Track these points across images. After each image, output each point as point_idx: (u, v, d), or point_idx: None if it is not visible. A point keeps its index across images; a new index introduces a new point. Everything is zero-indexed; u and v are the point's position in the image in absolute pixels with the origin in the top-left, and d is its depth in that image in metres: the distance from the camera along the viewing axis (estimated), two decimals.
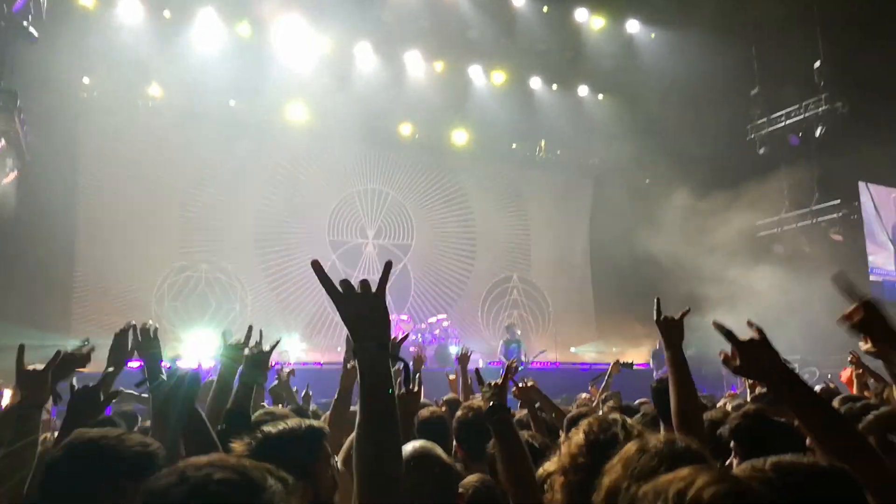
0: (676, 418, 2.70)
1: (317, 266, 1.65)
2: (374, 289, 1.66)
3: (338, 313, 1.64)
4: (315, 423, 2.37)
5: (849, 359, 5.71)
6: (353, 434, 1.65)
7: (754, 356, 1.99)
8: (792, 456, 1.15)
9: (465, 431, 3.23)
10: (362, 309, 1.64)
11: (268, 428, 2.25)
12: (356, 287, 1.65)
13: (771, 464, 1.15)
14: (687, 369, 2.83)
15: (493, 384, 2.72)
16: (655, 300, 2.95)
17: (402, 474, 1.61)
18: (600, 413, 3.57)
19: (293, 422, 2.31)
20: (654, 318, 2.90)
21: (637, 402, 5.68)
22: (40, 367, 2.60)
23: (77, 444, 1.95)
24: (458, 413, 3.41)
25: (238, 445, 2.16)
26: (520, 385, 4.57)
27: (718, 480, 1.04)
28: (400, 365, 2.15)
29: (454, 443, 3.33)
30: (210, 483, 1.15)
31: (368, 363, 1.62)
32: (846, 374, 6.31)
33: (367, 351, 1.62)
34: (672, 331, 2.86)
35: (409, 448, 1.95)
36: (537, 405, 4.59)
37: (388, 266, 1.71)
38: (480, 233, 18.38)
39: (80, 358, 2.92)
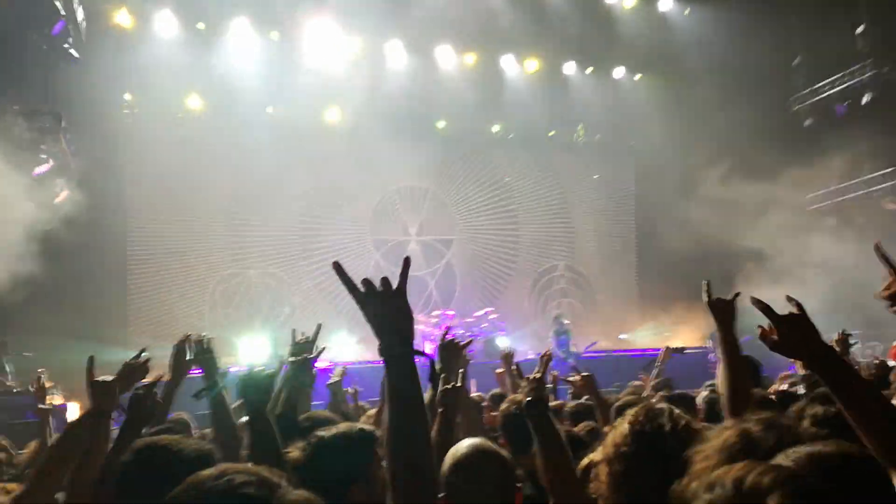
0: (728, 402, 2.67)
1: (337, 267, 1.68)
2: (394, 286, 1.67)
3: (362, 313, 1.64)
4: (366, 426, 2.40)
5: None
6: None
7: (792, 332, 1.96)
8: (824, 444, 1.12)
9: (509, 425, 3.23)
10: (384, 308, 1.64)
11: (321, 433, 2.29)
12: (377, 285, 1.66)
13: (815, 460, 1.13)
14: (738, 351, 2.79)
15: (531, 378, 2.71)
16: (705, 283, 2.87)
17: (434, 472, 1.64)
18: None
19: (345, 426, 2.36)
20: (705, 300, 2.82)
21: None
22: (109, 378, 2.72)
23: (146, 449, 2.10)
24: (503, 406, 3.41)
25: (294, 452, 2.20)
26: (570, 379, 4.56)
27: (778, 470, 1.04)
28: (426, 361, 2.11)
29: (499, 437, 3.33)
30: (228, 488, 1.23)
31: (393, 361, 1.64)
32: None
33: (392, 349, 1.64)
34: (723, 312, 2.80)
35: (466, 445, 1.95)
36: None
37: (406, 262, 1.71)
38: (523, 223, 18.30)
39: (139, 369, 3.00)
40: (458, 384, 3.10)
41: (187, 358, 3.36)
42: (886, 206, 14.77)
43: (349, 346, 14.67)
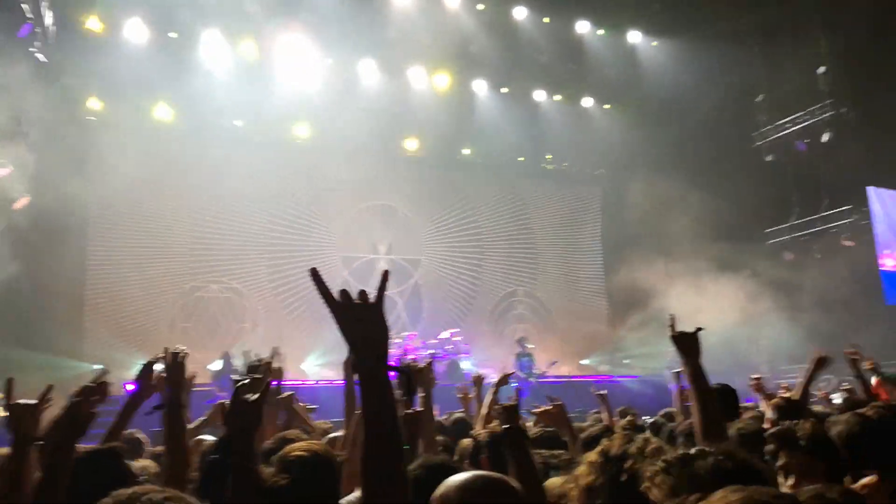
0: (703, 433, 2.70)
1: (315, 275, 1.60)
2: (371, 299, 1.62)
3: (337, 325, 1.58)
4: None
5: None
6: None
7: (685, 342, 2.85)
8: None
9: (491, 447, 3.25)
10: (361, 320, 1.59)
11: (295, 451, 2.35)
12: (354, 297, 1.61)
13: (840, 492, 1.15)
14: (706, 381, 2.84)
15: (506, 405, 2.76)
16: (669, 317, 3.01)
17: (406, 490, 1.57)
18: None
19: (317, 446, 2.42)
20: (669, 333, 2.93)
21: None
22: (31, 401, 2.49)
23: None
24: (483, 432, 3.44)
25: (267, 471, 2.21)
26: (541, 410, 4.57)
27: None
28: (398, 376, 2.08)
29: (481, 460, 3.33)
30: None
31: (368, 376, 1.58)
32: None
33: (366, 363, 1.58)
34: (688, 346, 2.89)
35: (474, 476, 1.84)
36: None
37: (385, 276, 1.65)
38: (487, 246, 18.37)
39: (97, 390, 2.86)
40: (420, 409, 3.08)
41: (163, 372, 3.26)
42: (843, 243, 15.15)
43: (310, 366, 14.53)
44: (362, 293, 1.61)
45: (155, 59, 13.82)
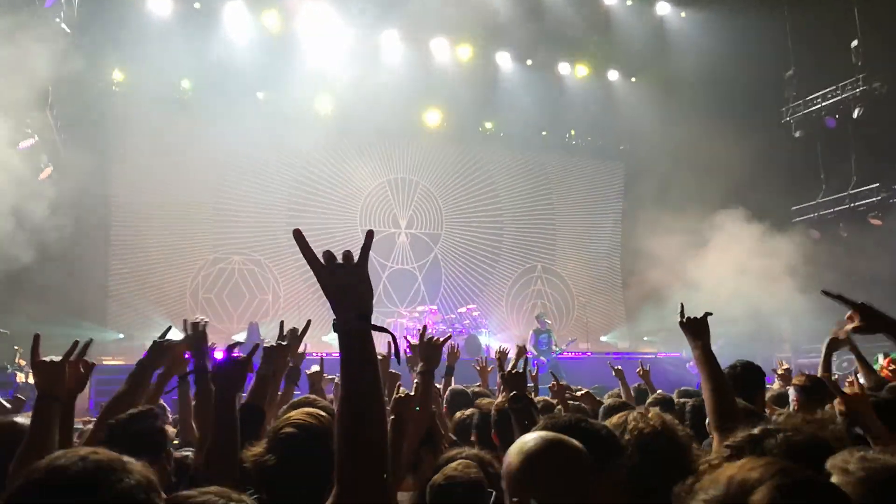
0: (714, 416, 2.69)
1: (298, 235, 1.58)
2: (356, 259, 1.59)
3: (320, 286, 1.56)
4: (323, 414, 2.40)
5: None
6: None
7: (874, 315, 2.48)
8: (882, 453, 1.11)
9: (500, 421, 3.21)
10: (344, 279, 1.55)
11: (283, 428, 2.30)
12: (339, 258, 1.58)
13: (859, 458, 1.12)
14: (717, 365, 2.85)
15: (512, 373, 2.76)
16: (679, 304, 3.05)
17: (387, 456, 1.52)
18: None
19: (306, 416, 2.34)
20: (679, 320, 2.98)
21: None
22: (56, 358, 2.52)
23: None
24: (497, 402, 3.39)
25: (257, 448, 2.20)
26: (554, 384, 4.62)
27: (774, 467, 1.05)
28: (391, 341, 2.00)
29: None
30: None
31: (349, 335, 1.54)
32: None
33: (348, 323, 1.53)
34: (696, 331, 2.93)
35: (537, 437, 1.83)
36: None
37: (369, 235, 1.62)
38: (507, 222, 18.31)
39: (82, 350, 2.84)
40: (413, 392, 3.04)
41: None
42: (872, 222, 14.87)
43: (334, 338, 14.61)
44: (347, 254, 1.58)
45: (179, 31, 13.85)
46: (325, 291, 1.56)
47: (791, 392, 4.13)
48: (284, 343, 3.56)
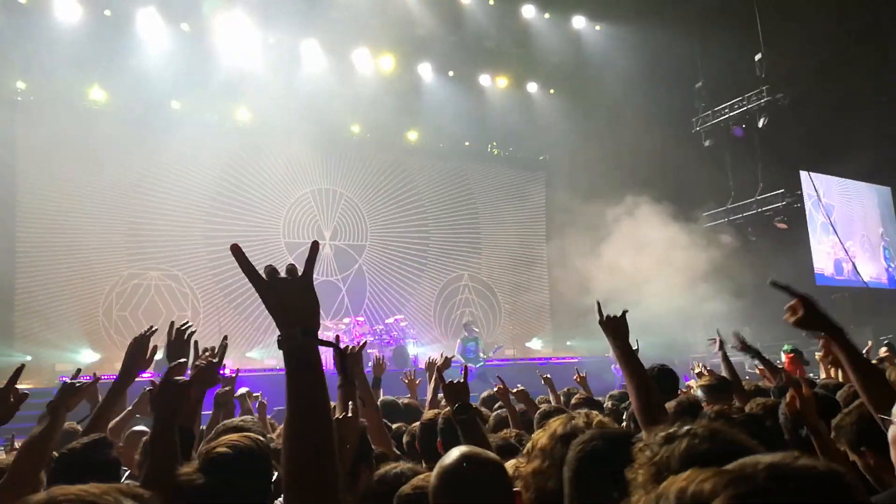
0: (641, 414, 2.71)
1: (237, 251, 1.50)
2: (298, 272, 1.52)
3: (262, 302, 1.49)
4: (260, 437, 2.31)
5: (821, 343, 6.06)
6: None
7: (613, 325, 2.65)
8: (786, 455, 1.10)
9: (445, 431, 3.22)
10: (287, 294, 1.49)
11: (215, 448, 2.19)
12: (282, 273, 1.51)
13: (766, 465, 1.10)
14: (639, 362, 2.89)
15: (451, 384, 2.76)
16: (596, 303, 3.07)
17: (337, 479, 1.44)
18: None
19: (239, 438, 2.25)
20: (598, 319, 3.00)
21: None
22: None
23: None
24: (444, 412, 3.40)
25: (188, 468, 2.10)
26: (499, 387, 4.71)
27: (723, 475, 1.00)
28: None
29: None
30: None
31: (295, 352, 1.46)
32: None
33: (294, 339, 1.46)
34: (615, 329, 2.96)
35: (456, 453, 1.82)
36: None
37: (314, 246, 1.54)
38: (433, 231, 18.37)
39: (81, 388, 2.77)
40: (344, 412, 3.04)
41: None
42: (777, 226, 15.65)
43: (256, 354, 14.34)
44: (291, 268, 1.52)
45: (88, 39, 13.30)
46: (267, 307, 1.49)
47: (699, 392, 4.28)
48: (214, 361, 3.41)
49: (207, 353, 3.55)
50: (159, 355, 3.43)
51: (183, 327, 3.20)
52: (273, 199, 16.37)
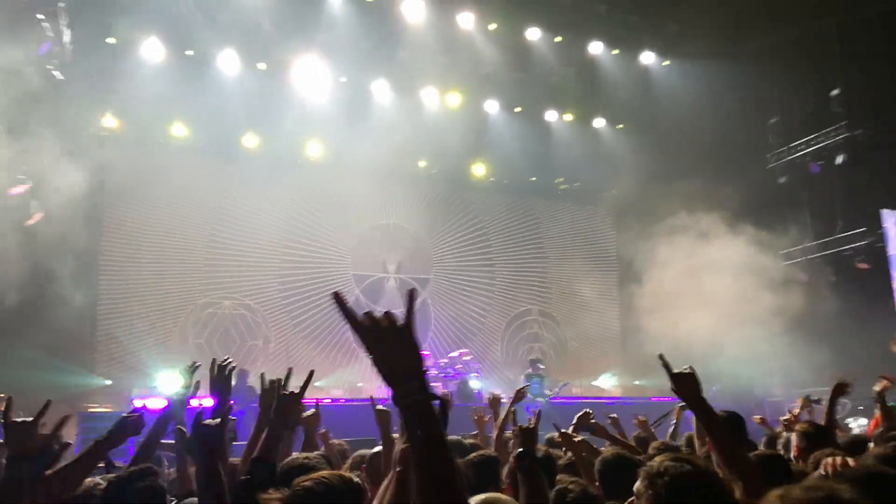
0: (726, 468, 2.62)
1: (338, 299, 1.46)
2: (400, 321, 1.48)
3: (366, 352, 1.45)
4: (353, 476, 2.28)
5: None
6: (386, 489, 1.52)
7: (683, 384, 2.72)
8: None
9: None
10: (393, 346, 1.45)
11: (304, 482, 2.16)
12: (380, 319, 1.47)
13: None
14: (714, 415, 2.79)
15: (523, 428, 2.72)
16: (660, 357, 2.85)
17: None
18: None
19: (330, 475, 2.21)
20: (671, 386, 2.80)
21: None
22: (28, 419, 2.49)
23: None
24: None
25: (273, 495, 2.11)
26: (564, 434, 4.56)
27: None
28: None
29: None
30: None
31: (414, 411, 1.43)
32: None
33: (412, 394, 1.43)
34: (687, 387, 2.77)
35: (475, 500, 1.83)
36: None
37: (411, 294, 1.50)
38: (498, 265, 18.37)
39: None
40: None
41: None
42: (858, 266, 15.02)
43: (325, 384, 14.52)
44: (388, 315, 1.48)
45: (171, 78, 13.97)
46: (374, 360, 1.46)
47: (793, 438, 4.09)
48: (297, 392, 3.37)
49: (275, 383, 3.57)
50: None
51: (224, 363, 3.23)
52: (341, 232, 16.69)
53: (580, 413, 4.90)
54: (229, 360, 3.22)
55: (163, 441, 4.13)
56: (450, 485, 1.42)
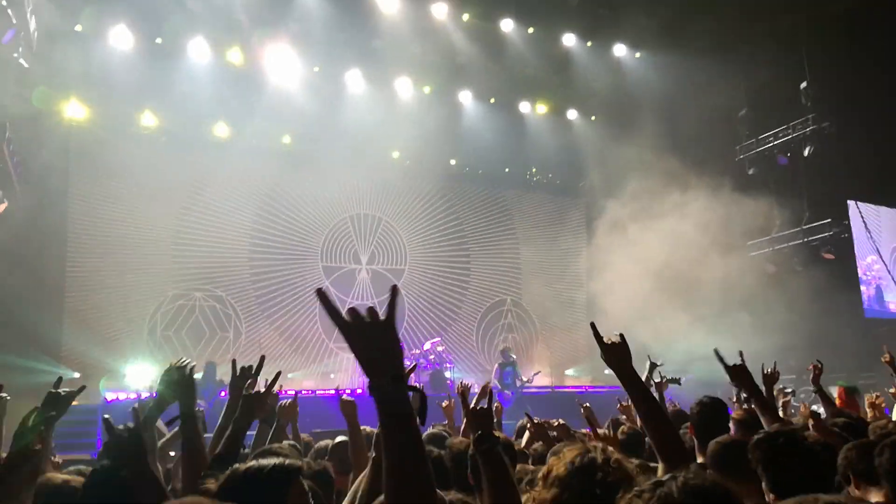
0: (659, 450, 2.61)
1: (322, 295, 1.52)
2: (382, 316, 1.53)
3: (347, 345, 1.50)
4: (288, 461, 2.25)
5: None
6: (364, 477, 1.54)
7: (612, 353, 2.70)
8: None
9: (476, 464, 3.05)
10: (374, 340, 1.50)
11: (237, 466, 2.19)
12: (363, 315, 1.51)
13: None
14: (648, 394, 2.77)
15: (476, 410, 2.59)
16: (591, 325, 2.85)
17: None
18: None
19: (266, 459, 2.22)
20: (600, 349, 2.77)
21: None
22: None
23: None
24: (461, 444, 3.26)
25: (209, 484, 2.13)
26: (535, 422, 4.56)
27: None
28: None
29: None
30: None
31: (386, 400, 1.48)
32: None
33: (384, 387, 1.48)
34: (617, 356, 2.74)
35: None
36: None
37: (394, 290, 1.57)
38: (474, 257, 18.40)
39: (64, 399, 2.77)
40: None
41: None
42: (825, 256, 15.30)
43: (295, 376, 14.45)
44: (371, 310, 1.53)
45: (140, 66, 13.75)
46: (355, 354, 1.51)
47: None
48: (262, 392, 3.33)
49: (243, 370, 3.56)
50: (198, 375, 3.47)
51: (181, 363, 3.16)
52: (312, 223, 16.60)
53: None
54: (186, 360, 3.17)
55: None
56: (418, 472, 1.46)
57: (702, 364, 13.22)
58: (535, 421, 4.69)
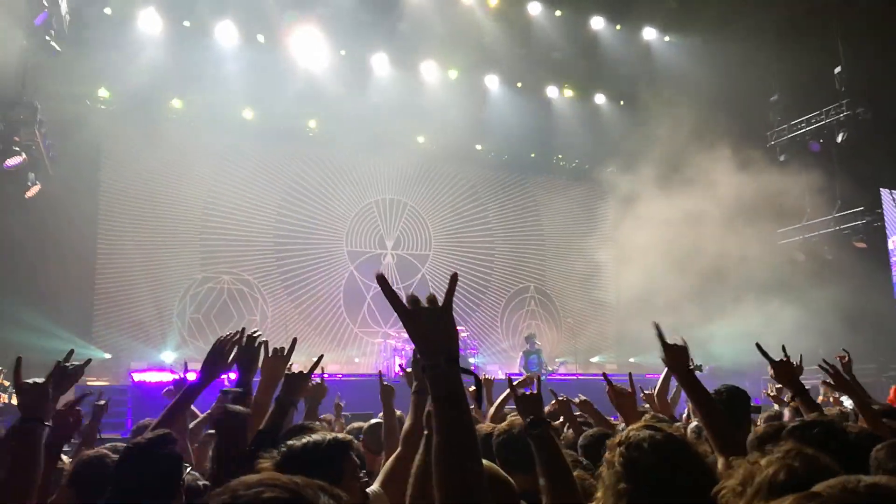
0: (713, 440, 2.63)
1: (382, 280, 1.59)
2: (440, 302, 1.59)
3: (405, 329, 1.58)
4: (340, 435, 2.33)
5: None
6: (417, 458, 1.64)
7: (674, 356, 2.75)
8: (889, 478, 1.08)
9: (506, 449, 3.00)
10: (430, 323, 1.56)
11: (291, 442, 2.23)
12: (423, 301, 1.59)
13: (867, 484, 1.08)
14: (703, 389, 2.79)
15: (524, 396, 2.61)
16: (654, 326, 2.84)
17: (488, 497, 1.50)
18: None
19: (317, 435, 2.27)
20: (661, 355, 2.83)
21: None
22: (40, 379, 2.46)
23: None
24: (498, 431, 3.24)
25: (265, 462, 2.14)
26: (555, 402, 4.57)
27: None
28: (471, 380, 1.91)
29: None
30: (260, 502, 1.12)
31: (440, 380, 1.54)
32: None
33: (439, 367, 1.53)
34: (676, 359, 2.81)
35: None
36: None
37: (453, 279, 1.63)
38: (498, 242, 18.35)
39: (74, 372, 2.79)
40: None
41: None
42: (856, 245, 15.02)
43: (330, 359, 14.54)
44: (431, 297, 1.59)
45: (168, 49, 13.83)
46: (411, 335, 1.58)
47: (786, 413, 4.11)
48: (305, 372, 3.36)
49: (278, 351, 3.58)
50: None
51: (254, 334, 3.23)
52: (338, 207, 16.66)
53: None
54: (258, 332, 3.23)
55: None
56: (467, 448, 1.51)
57: (726, 352, 13.12)
58: (560, 398, 4.70)
